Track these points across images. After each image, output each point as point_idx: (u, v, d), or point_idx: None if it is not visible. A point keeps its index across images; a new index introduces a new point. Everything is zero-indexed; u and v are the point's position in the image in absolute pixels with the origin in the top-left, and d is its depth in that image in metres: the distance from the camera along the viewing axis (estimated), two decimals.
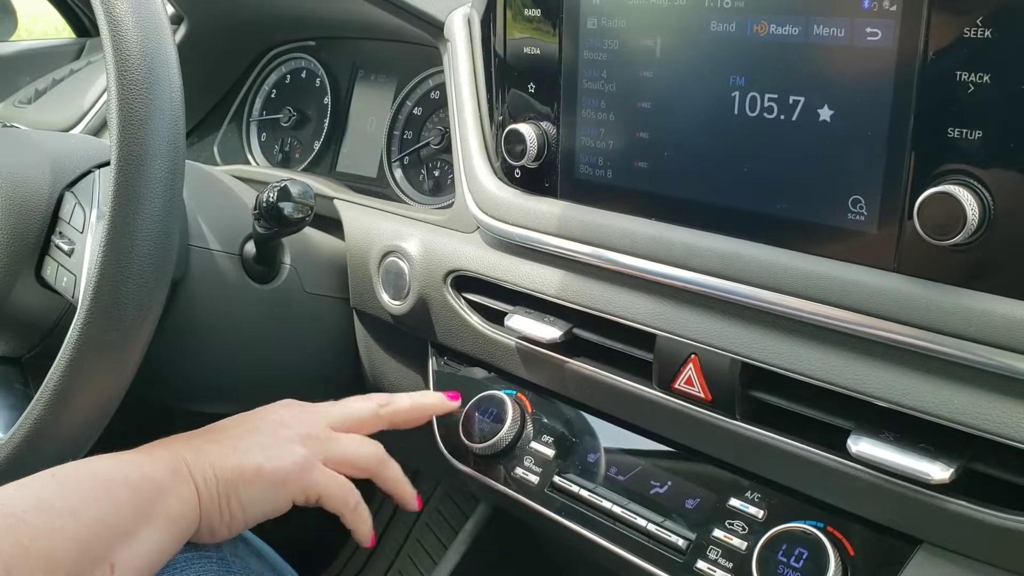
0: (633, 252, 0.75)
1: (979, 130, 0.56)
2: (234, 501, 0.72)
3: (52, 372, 0.74)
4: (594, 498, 0.79)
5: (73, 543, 0.62)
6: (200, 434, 0.76)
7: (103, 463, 0.69)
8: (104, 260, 0.72)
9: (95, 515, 0.64)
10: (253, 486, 0.73)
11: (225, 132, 1.32)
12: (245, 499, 0.73)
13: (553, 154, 0.81)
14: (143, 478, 0.68)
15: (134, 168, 0.71)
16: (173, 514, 0.69)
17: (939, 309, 0.58)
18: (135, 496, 0.67)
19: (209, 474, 0.72)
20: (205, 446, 0.74)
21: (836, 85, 0.62)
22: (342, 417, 0.81)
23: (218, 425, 0.78)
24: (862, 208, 0.62)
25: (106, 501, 0.66)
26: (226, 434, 0.76)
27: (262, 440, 0.75)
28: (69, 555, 0.62)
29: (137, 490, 0.67)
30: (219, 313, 0.94)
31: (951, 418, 0.59)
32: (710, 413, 0.72)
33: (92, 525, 0.64)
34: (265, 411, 0.80)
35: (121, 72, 0.72)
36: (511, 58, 0.83)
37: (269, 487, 0.74)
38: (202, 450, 0.73)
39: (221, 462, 0.72)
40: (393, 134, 1.14)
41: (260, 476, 0.73)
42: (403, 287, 0.94)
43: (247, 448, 0.74)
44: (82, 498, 0.65)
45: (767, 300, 0.67)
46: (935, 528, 0.62)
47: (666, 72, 0.71)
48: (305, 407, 0.81)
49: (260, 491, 0.73)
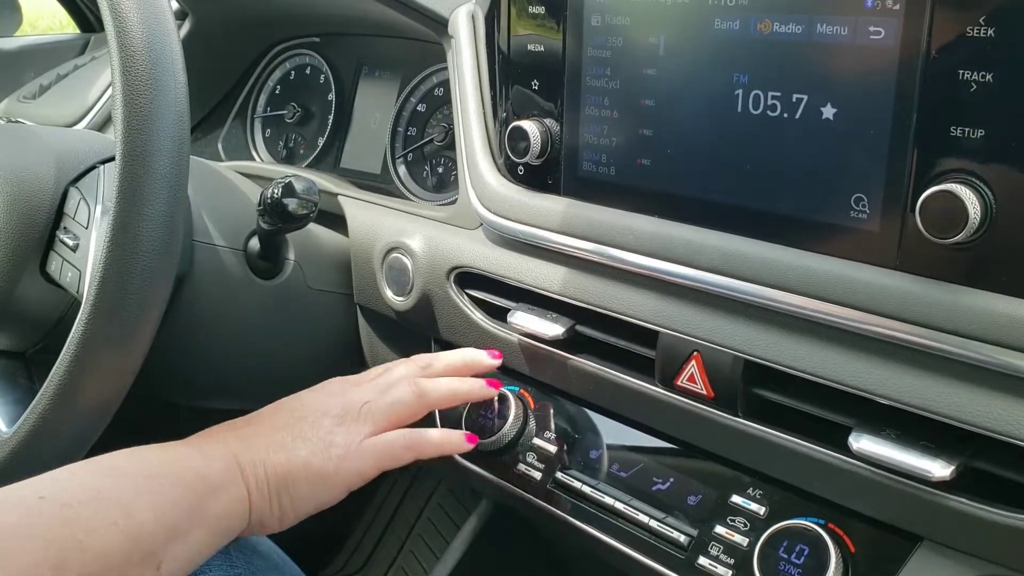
0: (636, 249, 0.75)
1: (981, 129, 0.56)
2: (285, 498, 0.72)
3: (56, 367, 0.74)
4: (596, 494, 0.79)
5: (125, 539, 0.62)
6: (249, 426, 0.76)
7: (157, 456, 0.69)
8: (109, 255, 0.72)
9: (148, 511, 0.64)
10: (303, 483, 0.72)
11: (229, 128, 1.32)
12: (296, 496, 0.72)
13: (556, 151, 0.81)
14: (196, 476, 0.68)
15: (139, 164, 0.72)
16: (224, 513, 0.68)
17: (941, 307, 0.58)
18: (188, 494, 0.67)
19: (260, 472, 0.71)
20: (255, 440, 0.73)
21: (839, 83, 0.62)
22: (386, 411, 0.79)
23: (264, 414, 0.77)
24: (864, 206, 0.62)
25: (159, 497, 0.65)
26: (272, 425, 0.75)
27: (307, 432, 0.74)
28: (122, 551, 0.62)
29: (190, 488, 0.67)
30: (223, 309, 0.95)
31: (952, 416, 0.59)
32: (712, 410, 0.72)
33: (145, 522, 0.63)
34: (309, 396, 0.79)
35: (126, 68, 0.72)
36: (515, 55, 0.83)
37: (319, 482, 0.73)
38: (252, 445, 0.72)
39: (271, 459, 0.72)
40: (397, 130, 1.14)
41: (309, 472, 0.72)
42: (406, 283, 0.94)
43: (293, 443, 0.73)
44: (135, 492, 0.64)
45: (769, 297, 0.67)
46: (936, 525, 0.62)
47: (670, 69, 0.71)
48: (346, 390, 0.79)
49: (310, 487, 0.73)
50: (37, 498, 0.61)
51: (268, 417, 0.77)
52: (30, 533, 0.59)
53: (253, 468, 0.71)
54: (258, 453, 0.72)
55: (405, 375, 0.82)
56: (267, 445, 0.73)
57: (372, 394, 0.79)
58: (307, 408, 0.77)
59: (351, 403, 0.78)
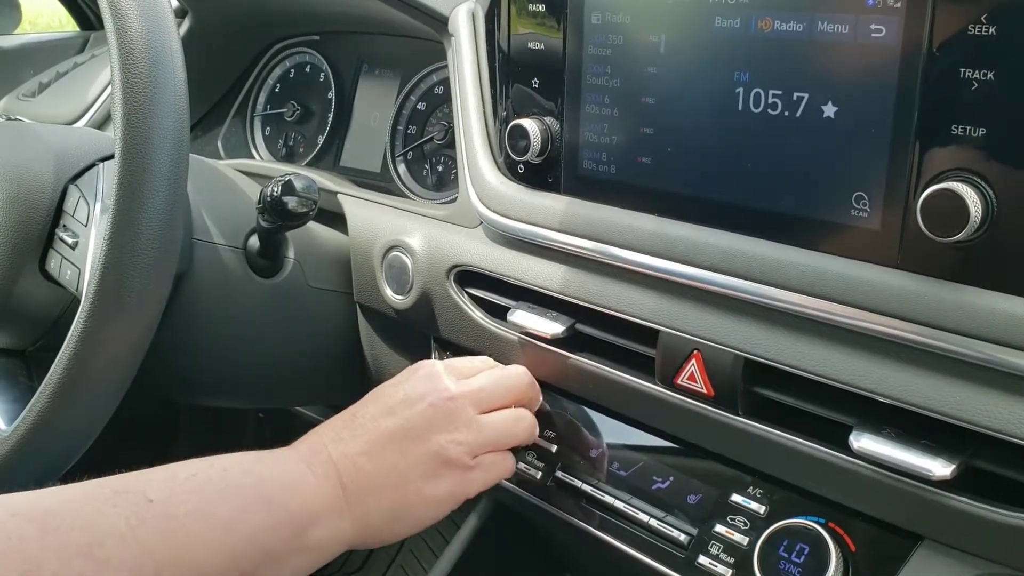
0: (636, 248, 0.75)
1: (983, 127, 0.56)
2: (390, 529, 0.71)
3: (56, 365, 0.74)
4: (596, 493, 0.79)
5: (225, 558, 0.62)
6: (356, 441, 0.72)
7: (268, 471, 0.68)
8: (108, 253, 0.72)
9: (250, 533, 0.64)
10: (412, 514, 0.71)
11: (229, 126, 1.32)
12: (403, 527, 0.72)
13: (557, 149, 0.81)
14: (302, 505, 0.67)
15: (138, 161, 0.72)
16: (323, 546, 0.68)
17: (942, 305, 0.58)
18: (291, 522, 0.66)
19: (370, 503, 0.70)
20: (363, 464, 0.71)
21: (840, 81, 0.62)
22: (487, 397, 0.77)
23: (370, 424, 0.74)
24: (865, 204, 0.62)
25: (263, 519, 0.65)
26: (380, 443, 0.72)
27: (419, 454, 0.72)
28: (217, 571, 0.61)
29: (294, 516, 0.66)
30: (223, 307, 0.95)
31: (953, 415, 0.59)
32: (712, 409, 0.72)
33: (245, 545, 0.63)
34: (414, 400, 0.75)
35: (125, 65, 0.72)
36: (515, 53, 0.83)
37: (428, 510, 0.72)
38: (361, 471, 0.70)
39: (380, 490, 0.70)
40: (397, 129, 1.14)
41: (421, 502, 0.71)
42: (406, 282, 0.94)
43: (406, 470, 0.71)
44: (241, 510, 0.64)
45: (770, 296, 0.67)
46: (936, 524, 0.62)
47: (670, 68, 0.71)
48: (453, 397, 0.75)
49: (419, 516, 0.72)
50: (147, 500, 0.61)
51: (378, 431, 0.73)
52: (134, 536, 0.59)
53: (360, 501, 0.69)
54: (366, 480, 0.70)
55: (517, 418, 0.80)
56: (376, 470, 0.70)
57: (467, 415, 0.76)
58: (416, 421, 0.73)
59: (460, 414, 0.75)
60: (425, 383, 0.76)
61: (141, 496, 0.61)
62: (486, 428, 0.76)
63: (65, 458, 0.80)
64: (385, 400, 0.76)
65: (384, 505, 0.70)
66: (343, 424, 0.74)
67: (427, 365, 0.79)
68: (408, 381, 0.77)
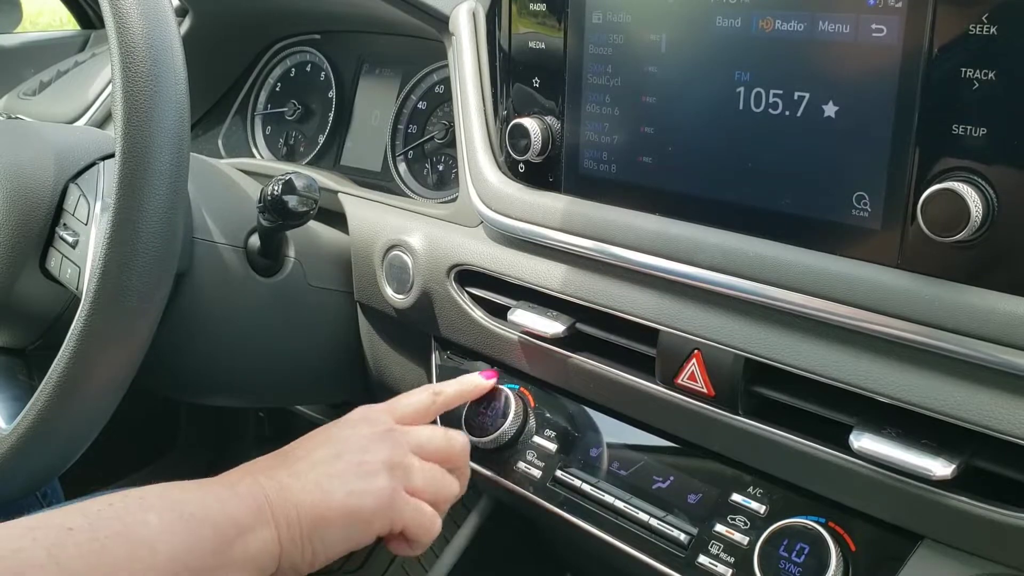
0: (637, 247, 0.75)
1: (983, 127, 0.56)
2: (317, 541, 0.70)
3: (56, 364, 0.74)
4: (596, 492, 0.79)
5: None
6: (283, 462, 0.73)
7: (188, 494, 0.67)
8: (108, 252, 0.72)
9: (174, 551, 0.63)
10: (337, 526, 0.70)
11: (230, 125, 1.32)
12: (329, 539, 0.70)
13: (557, 149, 0.81)
14: (226, 517, 0.66)
15: (139, 160, 0.71)
16: (252, 556, 0.67)
17: (942, 305, 0.58)
18: (216, 535, 0.65)
19: (292, 515, 0.69)
20: (288, 481, 0.70)
21: (841, 81, 0.62)
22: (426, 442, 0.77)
23: (300, 448, 0.74)
24: (866, 204, 0.62)
25: (187, 536, 0.64)
26: (309, 463, 0.72)
27: (346, 472, 0.71)
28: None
29: (218, 529, 0.65)
30: (223, 306, 0.94)
31: (953, 414, 0.59)
32: (713, 408, 0.72)
33: (170, 562, 0.62)
34: (347, 429, 0.75)
35: (126, 64, 0.72)
36: (516, 52, 0.83)
37: (354, 526, 0.71)
38: (285, 486, 0.70)
39: (305, 501, 0.69)
40: (397, 128, 1.14)
41: (345, 516, 0.70)
42: (407, 281, 0.94)
43: (331, 484, 0.71)
44: (163, 530, 0.63)
45: (770, 296, 0.67)
46: (937, 524, 0.62)
47: (671, 67, 0.71)
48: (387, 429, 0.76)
49: (344, 531, 0.71)
50: (66, 529, 0.60)
51: (306, 454, 0.73)
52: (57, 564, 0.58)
53: (285, 511, 0.69)
54: (291, 494, 0.69)
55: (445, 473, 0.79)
56: (302, 487, 0.70)
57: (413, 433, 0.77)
58: (348, 445, 0.74)
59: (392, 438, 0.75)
60: (362, 419, 0.76)
61: (60, 527, 0.61)
62: (416, 467, 0.75)
63: (65, 457, 0.80)
64: (320, 435, 0.75)
65: (308, 517, 0.69)
66: (273, 457, 0.74)
67: (367, 407, 0.79)
68: (346, 420, 0.77)
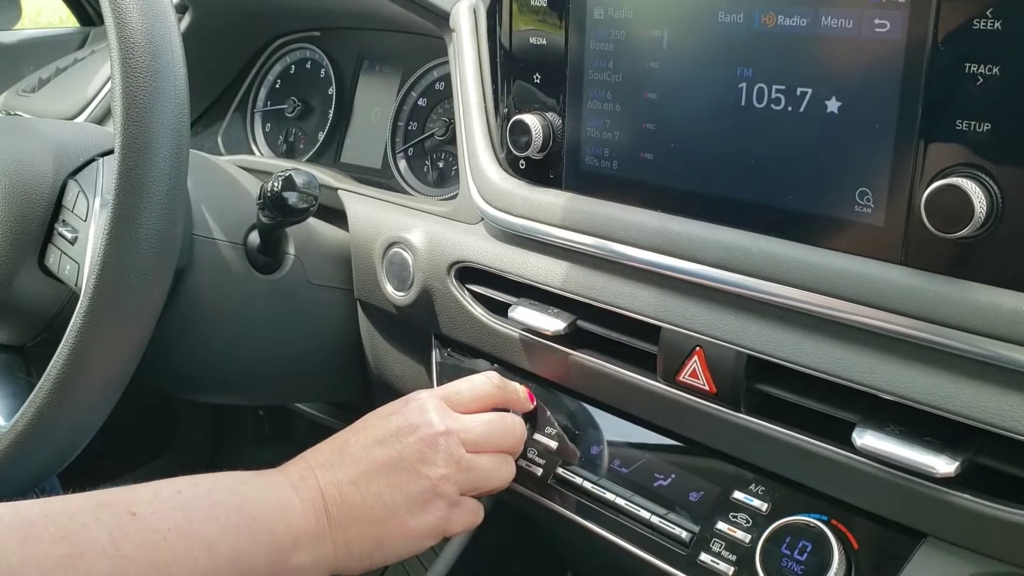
0: (638, 244, 0.74)
1: (988, 122, 0.55)
2: (369, 558, 0.70)
3: (54, 361, 0.74)
4: (597, 490, 0.79)
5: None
6: (340, 457, 0.72)
7: (254, 492, 0.67)
8: (107, 248, 0.72)
9: (231, 554, 0.63)
10: (392, 547, 0.71)
11: (229, 122, 1.32)
12: (384, 555, 0.71)
13: (558, 145, 0.80)
14: (286, 528, 0.66)
15: (138, 155, 0.71)
16: (305, 569, 0.67)
17: (946, 302, 0.58)
18: (274, 545, 0.65)
19: (352, 533, 0.69)
20: (349, 491, 0.70)
21: (844, 76, 0.62)
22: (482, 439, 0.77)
23: (357, 442, 0.73)
24: (869, 200, 0.62)
25: (245, 541, 0.64)
26: (367, 467, 0.71)
27: (406, 485, 0.71)
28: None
29: (277, 539, 0.66)
30: (223, 303, 0.94)
31: (957, 411, 0.59)
32: (715, 406, 0.71)
33: (226, 565, 0.63)
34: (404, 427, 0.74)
35: (125, 59, 0.71)
36: (517, 48, 0.83)
37: (408, 545, 0.72)
38: (346, 497, 0.70)
39: (365, 518, 0.69)
40: (397, 125, 1.13)
41: (404, 536, 0.71)
42: (407, 278, 0.94)
43: (392, 502, 0.71)
44: (224, 531, 0.64)
45: (773, 292, 0.66)
46: (940, 522, 0.61)
47: (673, 63, 0.71)
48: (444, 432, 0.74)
49: (401, 547, 0.71)
50: (130, 514, 0.61)
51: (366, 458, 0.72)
52: (116, 550, 0.58)
53: (343, 527, 0.69)
54: (351, 508, 0.69)
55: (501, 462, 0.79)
56: (362, 498, 0.70)
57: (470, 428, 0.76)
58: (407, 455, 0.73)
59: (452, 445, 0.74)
60: (419, 415, 0.75)
61: (125, 510, 0.61)
62: (473, 468, 0.75)
63: (64, 454, 0.80)
64: (377, 430, 0.75)
65: (366, 535, 0.70)
66: (332, 451, 0.74)
67: (423, 396, 0.78)
68: (401, 412, 0.76)
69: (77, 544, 0.58)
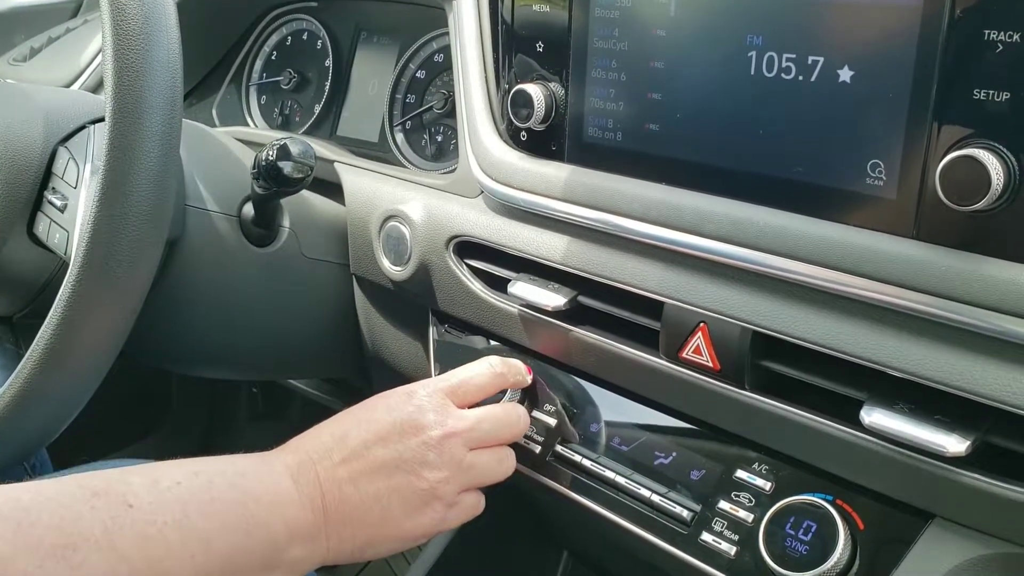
0: (642, 217, 0.73)
1: (1007, 91, 0.54)
2: (362, 553, 0.71)
3: (43, 330, 0.73)
4: (596, 468, 0.77)
5: (198, 572, 0.61)
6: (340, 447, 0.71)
7: (254, 486, 0.66)
8: (98, 214, 0.70)
9: (226, 550, 0.63)
10: (386, 545, 0.71)
11: (224, 94, 1.30)
12: (376, 552, 0.71)
13: (561, 116, 0.79)
14: (283, 525, 0.66)
15: (129, 120, 0.70)
16: (294, 566, 0.67)
17: (960, 277, 0.57)
18: (268, 540, 0.65)
19: (347, 534, 0.69)
20: (348, 490, 0.69)
21: (857, 45, 0.60)
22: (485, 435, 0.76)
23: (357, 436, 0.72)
24: (881, 173, 0.60)
25: (242, 538, 0.64)
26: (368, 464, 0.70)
27: (405, 488, 0.71)
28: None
29: (273, 536, 0.66)
30: (215, 275, 0.93)
31: (969, 389, 0.57)
32: (718, 383, 0.70)
33: (220, 561, 0.62)
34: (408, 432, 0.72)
35: (116, 22, 0.70)
36: (519, 17, 0.81)
37: (402, 543, 0.72)
38: (344, 495, 0.69)
39: (361, 519, 0.69)
40: (395, 98, 1.12)
41: (398, 536, 0.71)
42: (404, 252, 0.92)
43: (390, 504, 0.70)
44: (222, 527, 0.63)
45: (780, 267, 0.65)
46: (949, 502, 0.60)
47: (680, 31, 0.69)
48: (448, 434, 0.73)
49: (394, 546, 0.72)
50: (126, 505, 0.60)
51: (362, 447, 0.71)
52: (110, 542, 0.58)
53: (339, 526, 0.69)
54: (350, 508, 0.69)
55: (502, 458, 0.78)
56: (360, 499, 0.70)
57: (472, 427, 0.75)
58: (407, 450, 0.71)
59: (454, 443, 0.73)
60: (423, 415, 0.74)
61: (121, 500, 0.60)
62: (474, 467, 0.75)
63: (52, 427, 0.79)
64: (379, 425, 0.73)
65: (361, 535, 0.70)
66: (334, 442, 0.72)
67: (428, 391, 0.76)
68: (405, 408, 0.74)
69: (70, 535, 0.57)
